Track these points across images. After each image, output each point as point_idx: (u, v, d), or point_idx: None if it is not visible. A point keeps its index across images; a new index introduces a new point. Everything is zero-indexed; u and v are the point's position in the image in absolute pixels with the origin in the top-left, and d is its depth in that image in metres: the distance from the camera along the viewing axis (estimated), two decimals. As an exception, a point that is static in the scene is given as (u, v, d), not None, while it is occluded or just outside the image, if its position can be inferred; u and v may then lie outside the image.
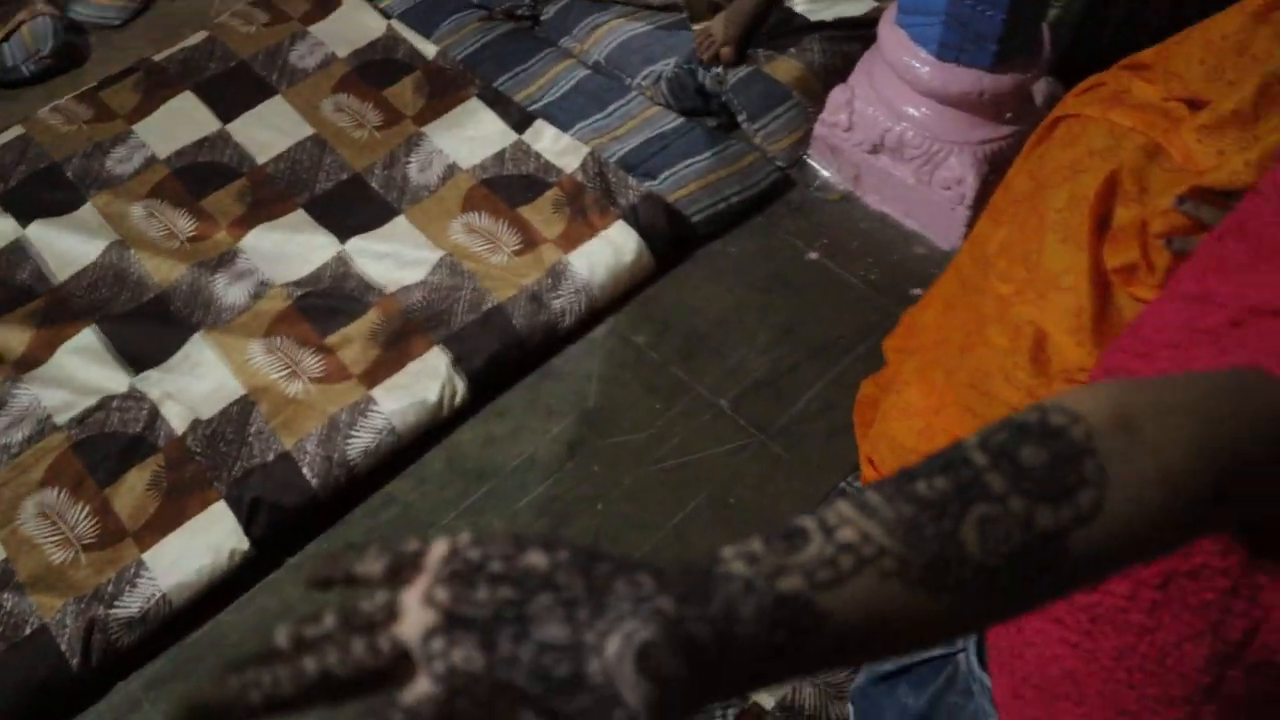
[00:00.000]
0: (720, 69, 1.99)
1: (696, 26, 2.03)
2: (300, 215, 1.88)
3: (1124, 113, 1.25)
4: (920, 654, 0.95)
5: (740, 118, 1.99)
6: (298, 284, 1.77)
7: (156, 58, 2.21)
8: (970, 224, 1.84)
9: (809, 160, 2.01)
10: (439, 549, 0.38)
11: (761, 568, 0.38)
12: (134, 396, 1.63)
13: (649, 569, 0.37)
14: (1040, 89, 1.87)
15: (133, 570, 1.45)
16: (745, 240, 1.89)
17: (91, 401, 1.62)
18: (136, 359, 1.68)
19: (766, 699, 1.35)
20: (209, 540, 1.47)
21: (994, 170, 1.81)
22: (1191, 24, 1.21)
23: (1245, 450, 0.46)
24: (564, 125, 1.99)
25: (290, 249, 1.82)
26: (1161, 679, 0.70)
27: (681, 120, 1.98)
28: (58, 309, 1.76)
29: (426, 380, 1.62)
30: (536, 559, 0.37)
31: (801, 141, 1.99)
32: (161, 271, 1.80)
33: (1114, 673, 0.72)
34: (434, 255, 1.79)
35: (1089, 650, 0.73)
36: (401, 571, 0.38)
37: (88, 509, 1.52)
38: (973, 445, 0.43)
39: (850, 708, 1.07)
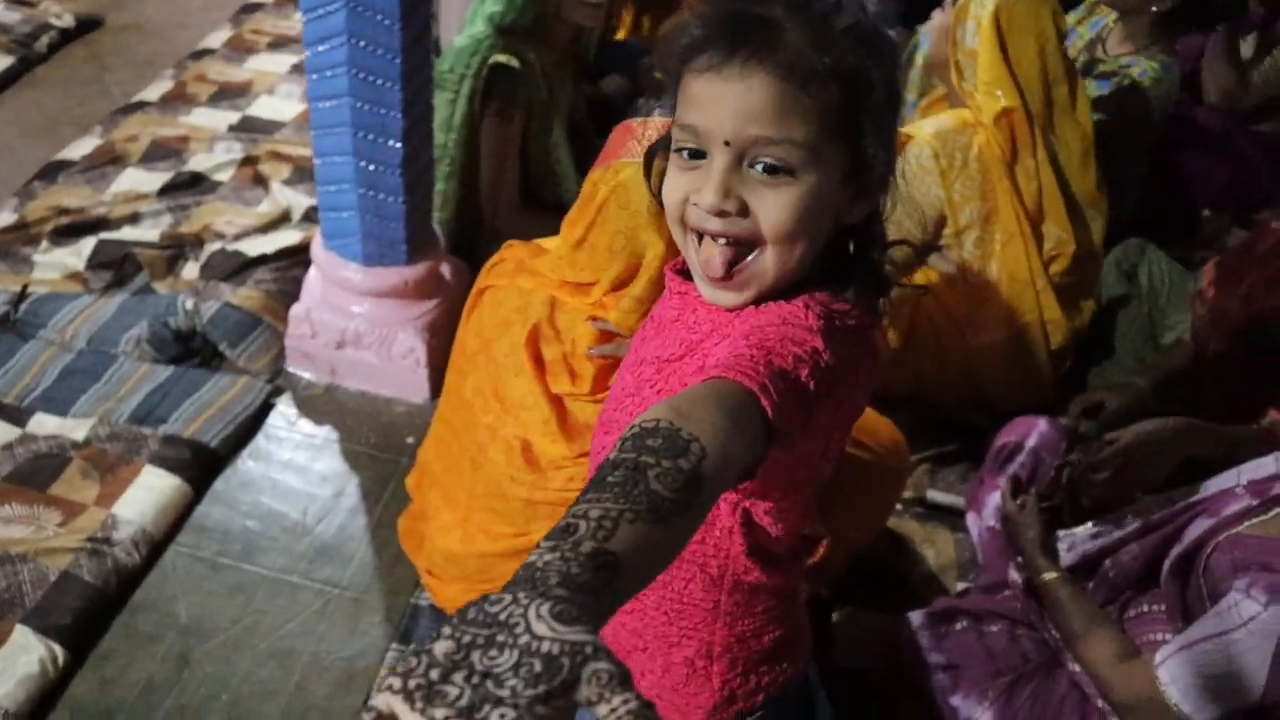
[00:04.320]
0: (191, 305, 2.34)
1: None
2: None
3: (526, 278, 1.78)
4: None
5: (222, 347, 2.34)
6: None
7: None
8: (430, 379, 2.33)
9: (289, 369, 2.41)
10: (382, 699, 0.45)
11: (565, 549, 0.53)
12: None
13: (509, 594, 0.48)
14: (446, 269, 2.45)
15: None
16: (259, 445, 2.25)
17: None
18: None
19: None
20: None
21: (433, 335, 2.32)
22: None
23: (736, 408, 0.72)
24: (63, 409, 2.20)
25: None
26: (684, 611, 1.04)
27: (172, 369, 2.29)
28: None
29: (22, 656, 1.76)
30: (442, 646, 0.46)
31: (278, 356, 2.39)
32: None
33: (657, 619, 1.05)
34: (-23, 555, 1.91)
35: (641, 610, 1.06)
36: None
37: None
38: (620, 453, 0.62)
39: None
